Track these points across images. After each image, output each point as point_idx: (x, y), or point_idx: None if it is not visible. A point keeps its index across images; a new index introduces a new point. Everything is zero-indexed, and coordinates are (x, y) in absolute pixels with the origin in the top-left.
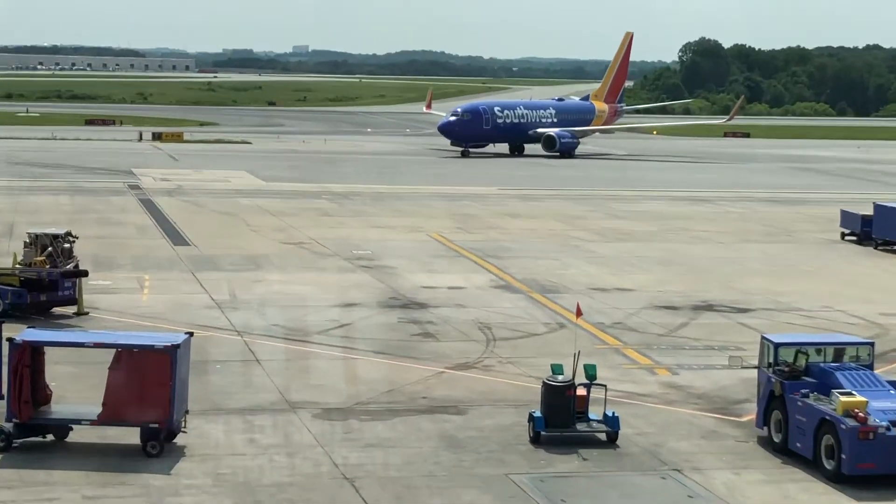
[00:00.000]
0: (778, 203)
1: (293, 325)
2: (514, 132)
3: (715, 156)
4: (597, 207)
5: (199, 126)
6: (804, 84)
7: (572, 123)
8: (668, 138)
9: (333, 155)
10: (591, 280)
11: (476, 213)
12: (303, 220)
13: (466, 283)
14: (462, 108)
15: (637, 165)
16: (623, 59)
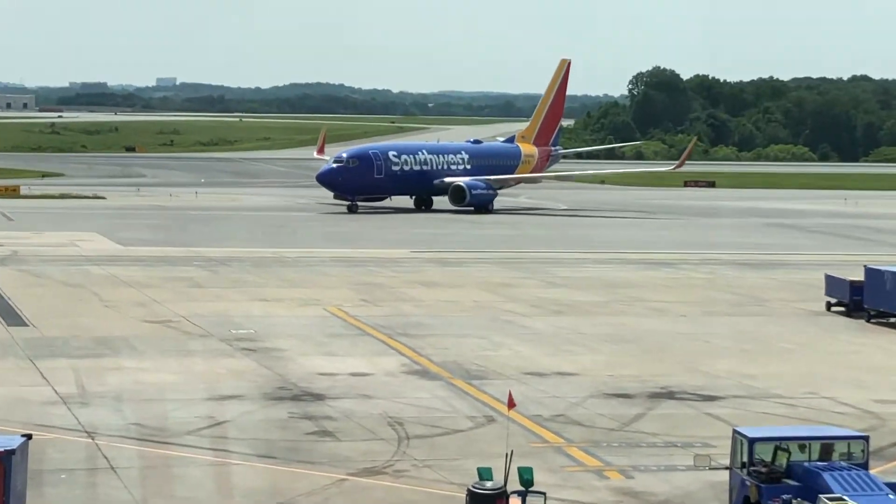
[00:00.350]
0: (750, 267)
1: (156, 423)
2: (414, 182)
3: (674, 210)
4: (531, 273)
5: (39, 177)
6: (779, 123)
7: (492, 170)
8: (619, 189)
9: (207, 212)
10: (525, 363)
11: (383, 282)
12: (169, 293)
13: (373, 368)
14: (348, 153)
15: (580, 222)
16: (558, 93)
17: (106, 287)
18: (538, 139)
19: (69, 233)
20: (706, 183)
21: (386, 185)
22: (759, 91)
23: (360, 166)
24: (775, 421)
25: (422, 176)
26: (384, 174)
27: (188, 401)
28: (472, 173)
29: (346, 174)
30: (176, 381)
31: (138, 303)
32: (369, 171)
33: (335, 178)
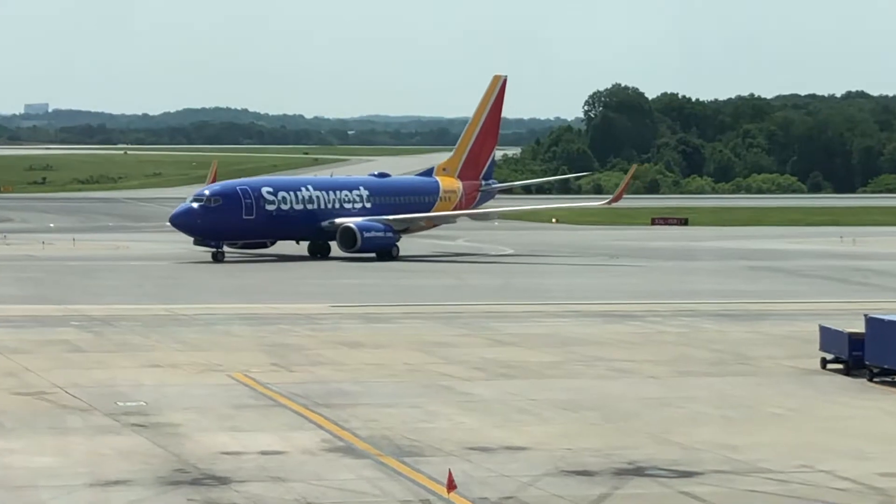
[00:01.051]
0: (731, 318)
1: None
2: (296, 223)
3: (641, 252)
4: (472, 330)
5: None
6: (761, 148)
7: (399, 209)
8: (575, 229)
9: (87, 262)
10: (467, 435)
11: (298, 343)
12: (44, 360)
13: (287, 444)
14: (210, 191)
15: (530, 268)
16: (490, 116)
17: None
18: (465, 171)
19: None
20: (678, 220)
21: (258, 228)
22: (737, 111)
23: (223, 205)
24: (764, 500)
25: (306, 217)
26: (255, 214)
27: (67, 488)
28: (374, 212)
29: (207, 215)
30: (52, 465)
31: (7, 371)
32: (236, 211)
33: (192, 220)
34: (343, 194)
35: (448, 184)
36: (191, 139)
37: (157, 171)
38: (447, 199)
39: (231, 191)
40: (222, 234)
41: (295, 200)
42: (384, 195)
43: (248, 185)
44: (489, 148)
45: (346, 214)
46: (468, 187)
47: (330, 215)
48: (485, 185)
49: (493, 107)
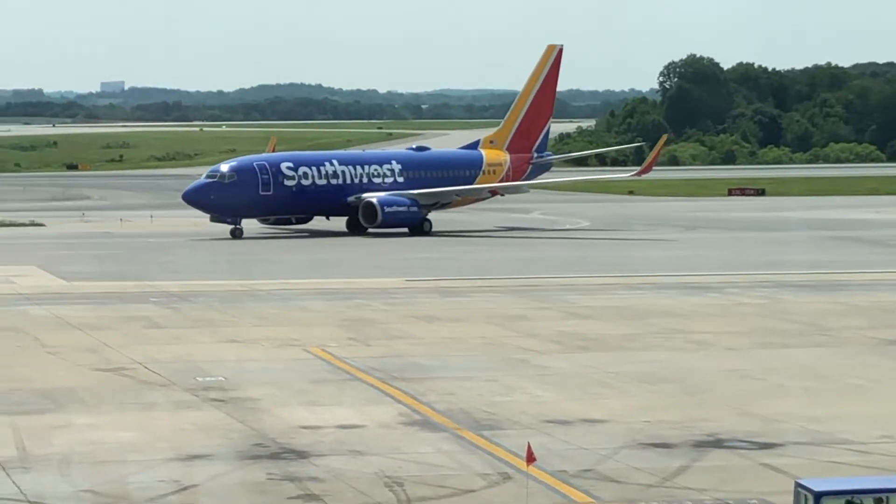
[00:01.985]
0: (811, 289)
1: (112, 490)
2: (319, 199)
3: (718, 223)
4: (549, 303)
5: None
6: (839, 117)
7: (436, 183)
8: (651, 200)
9: (164, 239)
10: (545, 409)
11: (375, 318)
12: (122, 336)
13: (365, 419)
14: (226, 167)
15: (605, 241)
16: (544, 87)
17: (48, 330)
18: (515, 144)
19: (3, 267)
20: (755, 191)
21: (277, 204)
22: (814, 81)
23: (238, 181)
24: (845, 471)
25: (331, 192)
26: (273, 190)
27: (149, 462)
28: (407, 187)
29: (221, 191)
30: (134, 440)
31: (87, 348)
32: (251, 187)
33: (205, 196)
34: (372, 169)
35: (493, 156)
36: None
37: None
38: (491, 173)
39: (247, 166)
40: (237, 210)
41: (318, 175)
42: (418, 169)
43: (267, 161)
44: (543, 119)
45: (376, 189)
46: (517, 160)
47: (357, 190)
48: (537, 157)
49: (547, 77)
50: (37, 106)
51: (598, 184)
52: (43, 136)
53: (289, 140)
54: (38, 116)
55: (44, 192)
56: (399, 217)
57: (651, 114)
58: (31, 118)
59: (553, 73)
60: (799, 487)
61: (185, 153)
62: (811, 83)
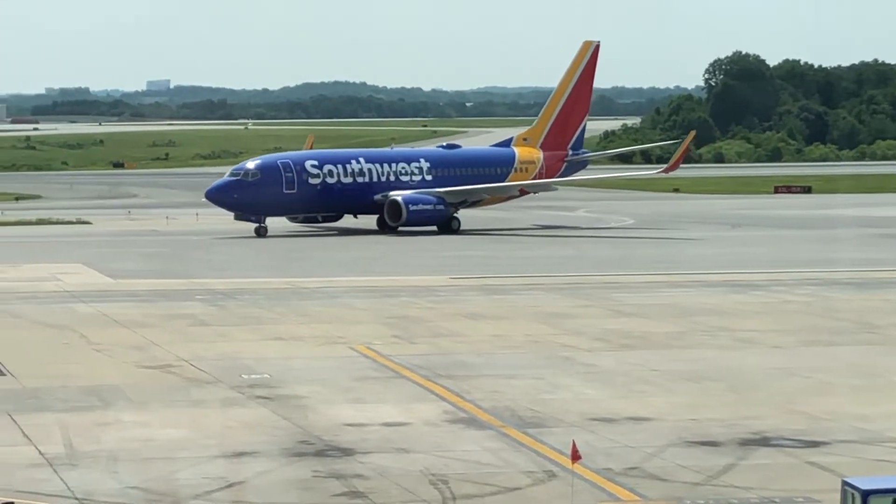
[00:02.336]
0: (857, 287)
1: (159, 486)
2: (344, 197)
3: (764, 221)
4: (593, 301)
5: (13, 201)
6: (886, 114)
7: (465, 180)
8: (696, 198)
9: (210, 237)
10: (590, 406)
11: (419, 315)
12: (168, 333)
13: (410, 416)
14: (250, 165)
15: (650, 239)
16: (580, 84)
17: (95, 327)
18: (550, 141)
19: (50, 265)
20: (801, 188)
21: (302, 202)
22: (860, 77)
23: (261, 180)
24: (893, 470)
25: (357, 190)
26: (297, 188)
27: (195, 459)
28: (436, 185)
29: (244, 190)
30: (180, 437)
31: (133, 345)
32: (276, 185)
33: (228, 195)
34: (400, 167)
35: (526, 154)
36: (310, 113)
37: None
38: (523, 170)
39: (271, 164)
40: (261, 208)
41: (343, 173)
42: (447, 167)
43: (291, 159)
44: (578, 117)
45: (404, 187)
46: (550, 157)
47: (385, 188)
48: (572, 154)
49: (582, 74)
50: (83, 104)
51: (643, 181)
52: (89, 134)
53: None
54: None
55: (90, 190)
56: (424, 215)
57: (696, 111)
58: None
59: (589, 70)
60: (846, 486)
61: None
62: (858, 80)
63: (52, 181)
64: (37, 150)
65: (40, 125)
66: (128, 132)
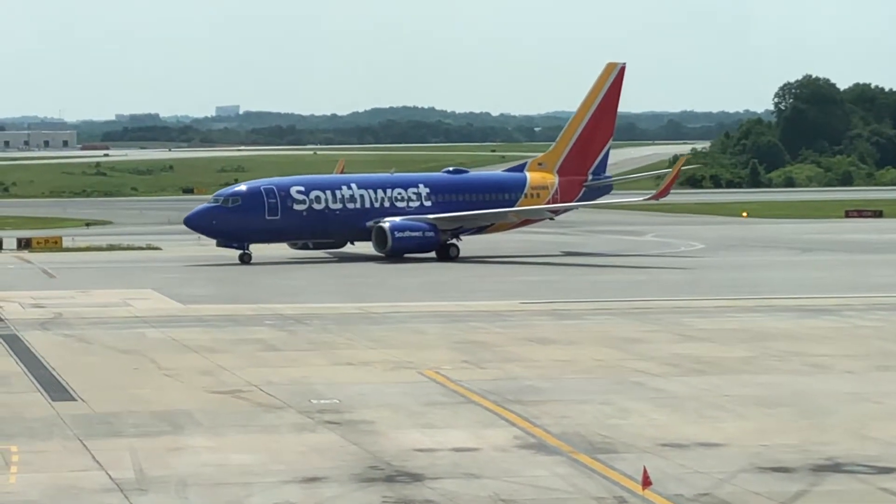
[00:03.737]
0: None
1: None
2: (333, 224)
3: (835, 245)
4: (663, 325)
5: (84, 227)
6: None
7: (469, 206)
8: (765, 222)
9: (279, 262)
10: (661, 432)
11: (489, 340)
12: (238, 358)
13: (479, 441)
14: (230, 191)
15: (720, 263)
16: (603, 107)
17: (165, 352)
18: (568, 166)
19: (120, 290)
20: (872, 213)
21: (287, 228)
22: None
23: (242, 206)
24: None
25: (348, 216)
26: (280, 215)
27: (265, 485)
28: (435, 211)
29: (224, 216)
30: (249, 462)
31: (203, 370)
32: (257, 211)
33: (207, 221)
34: (395, 193)
35: (538, 179)
36: (378, 138)
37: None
38: (534, 196)
39: (253, 190)
40: (242, 235)
41: (332, 199)
42: (449, 192)
43: (275, 185)
44: (601, 141)
45: (400, 213)
46: (567, 183)
47: (379, 214)
48: (592, 179)
49: (606, 96)
50: (153, 130)
51: (714, 205)
52: (159, 160)
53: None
54: (154, 141)
55: (160, 215)
56: (412, 242)
57: (766, 135)
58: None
59: (613, 93)
60: None
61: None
62: None
63: (121, 207)
64: (107, 176)
65: (111, 151)
66: (197, 158)
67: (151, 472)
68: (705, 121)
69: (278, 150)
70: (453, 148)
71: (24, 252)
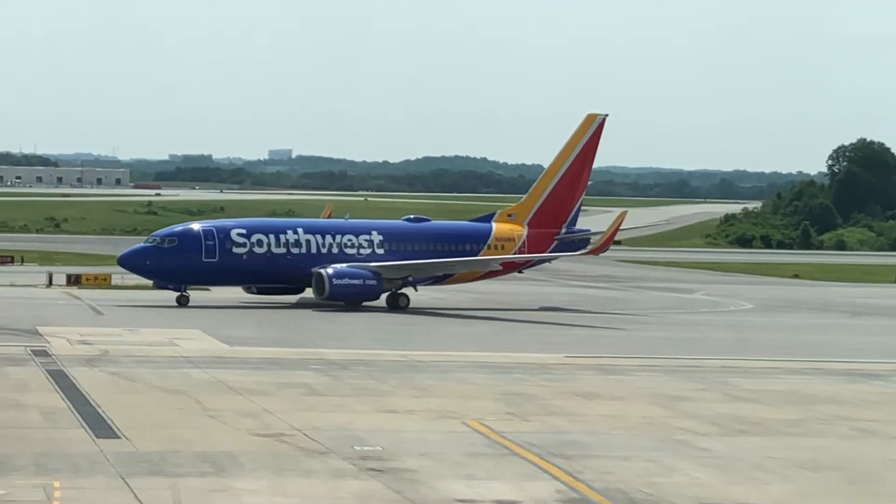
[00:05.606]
0: None
1: None
2: (274, 268)
3: (885, 310)
4: (709, 385)
5: None
6: None
7: (424, 255)
8: (816, 284)
9: (325, 308)
10: (704, 491)
11: (533, 392)
12: (283, 402)
13: (521, 494)
14: (166, 231)
15: (769, 324)
16: (580, 159)
17: (209, 393)
18: (540, 218)
19: (167, 329)
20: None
21: (224, 271)
22: None
23: (178, 246)
24: None
25: (291, 261)
26: (218, 257)
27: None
28: (388, 259)
29: (158, 256)
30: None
31: (247, 412)
32: (193, 253)
33: (140, 260)
34: (345, 239)
35: (504, 231)
36: (429, 187)
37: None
38: (498, 248)
39: (189, 231)
40: (176, 276)
41: (275, 244)
42: (403, 241)
43: (215, 227)
44: (576, 194)
45: (349, 260)
46: (536, 235)
47: (326, 260)
48: (564, 232)
49: (584, 148)
50: (205, 171)
51: (764, 265)
52: (211, 200)
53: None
54: (205, 182)
55: None
56: (350, 290)
57: (819, 197)
58: (199, 183)
59: (591, 144)
60: None
61: None
62: None
63: None
64: (158, 214)
65: (162, 190)
66: (248, 200)
67: None
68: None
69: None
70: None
71: (74, 288)
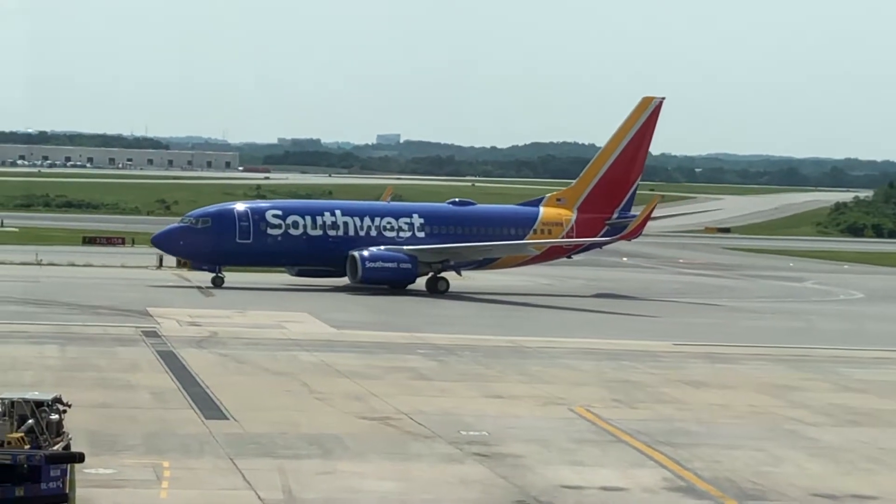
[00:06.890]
0: None
1: None
2: (309, 250)
3: None
4: (820, 374)
5: None
6: None
7: (466, 239)
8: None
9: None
10: (813, 482)
11: (641, 380)
12: (389, 386)
13: (628, 481)
14: (201, 211)
15: (880, 313)
16: (634, 143)
17: (317, 376)
18: (591, 203)
19: (276, 312)
20: None
21: (259, 253)
22: None
23: (212, 227)
24: None
25: (328, 243)
26: (253, 238)
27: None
28: (429, 242)
29: (192, 237)
30: (396, 489)
31: (354, 396)
32: (227, 234)
33: (174, 241)
34: (384, 221)
35: (552, 215)
36: (537, 172)
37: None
38: (545, 232)
39: (225, 212)
40: (209, 257)
41: (311, 225)
42: (445, 224)
43: (250, 207)
44: (630, 178)
45: (389, 243)
46: (585, 220)
47: (364, 243)
48: (616, 218)
49: (638, 132)
50: (314, 155)
51: (876, 255)
52: (319, 185)
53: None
54: (314, 166)
55: None
56: (384, 273)
57: None
58: (308, 167)
59: (647, 128)
60: None
61: None
62: None
63: None
64: (267, 198)
65: (271, 174)
66: (356, 184)
67: (300, 494)
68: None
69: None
70: None
71: (184, 270)
